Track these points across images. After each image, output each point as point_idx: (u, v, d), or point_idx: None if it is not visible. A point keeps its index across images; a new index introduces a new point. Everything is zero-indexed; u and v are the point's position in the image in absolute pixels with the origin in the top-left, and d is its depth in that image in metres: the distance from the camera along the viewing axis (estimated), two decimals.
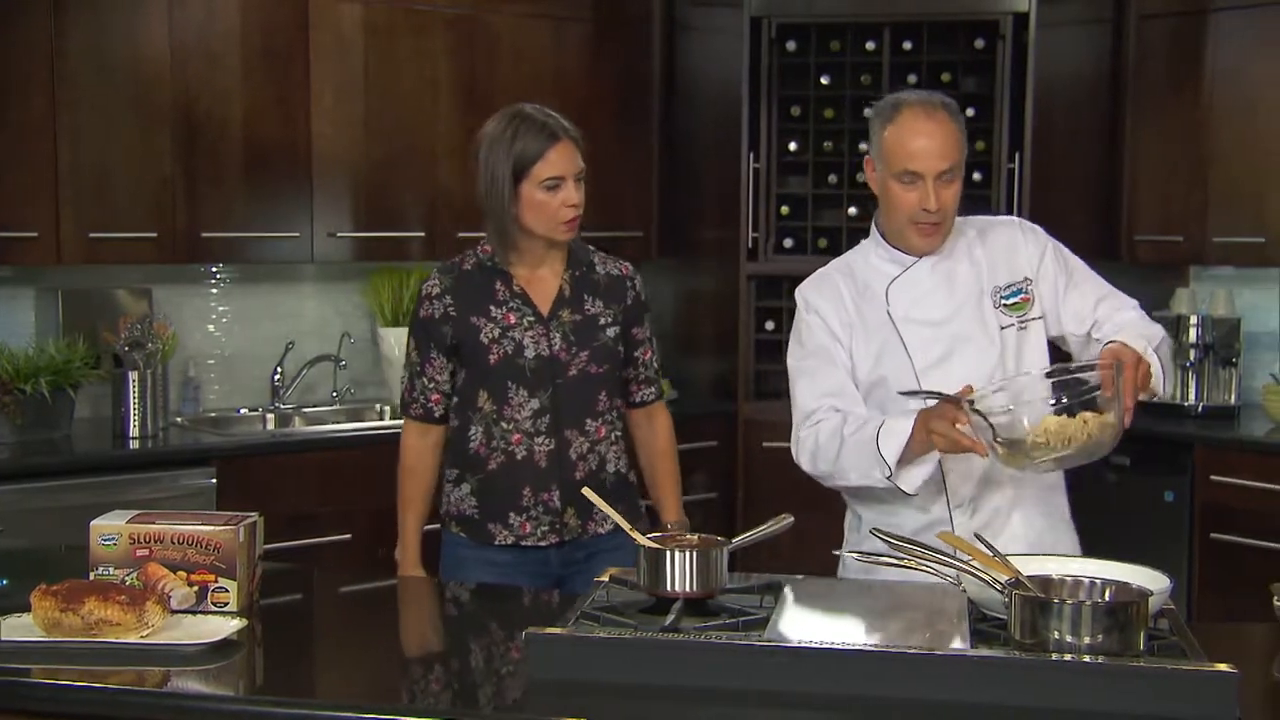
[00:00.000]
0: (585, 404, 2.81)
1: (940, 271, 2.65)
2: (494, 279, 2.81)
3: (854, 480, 2.57)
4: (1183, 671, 1.83)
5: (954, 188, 2.58)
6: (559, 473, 2.78)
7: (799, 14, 4.67)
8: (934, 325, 2.63)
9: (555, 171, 2.73)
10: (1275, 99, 4.31)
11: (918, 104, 2.58)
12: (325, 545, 4.01)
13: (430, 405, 2.86)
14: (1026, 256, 2.67)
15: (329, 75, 4.25)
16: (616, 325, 2.85)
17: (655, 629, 2.03)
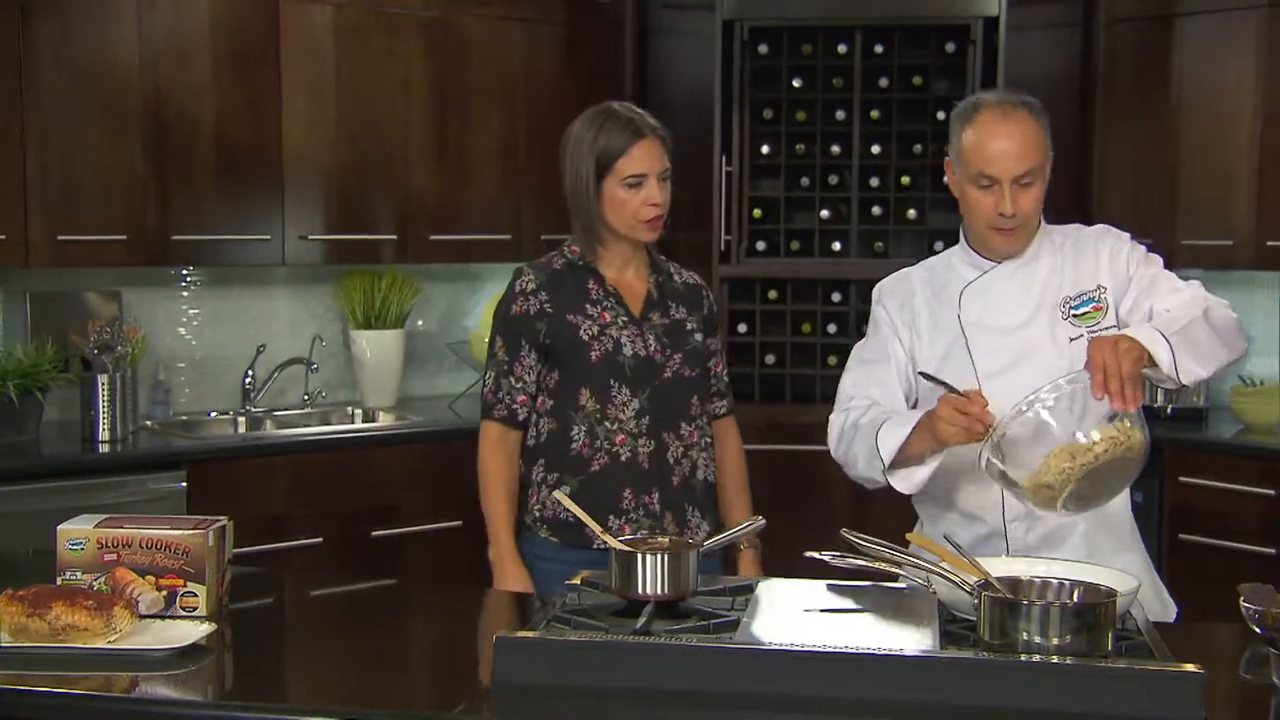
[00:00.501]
0: (680, 407, 2.78)
1: (1019, 278, 2.59)
2: (586, 278, 2.77)
3: (862, 469, 2.53)
4: (1149, 672, 1.84)
5: (1033, 191, 2.50)
6: (660, 476, 2.74)
7: (771, 17, 4.68)
8: (1003, 333, 2.57)
9: (638, 169, 2.69)
10: (1240, 103, 4.34)
11: (996, 105, 2.51)
12: (296, 549, 3.99)
13: (515, 407, 2.78)
14: (1103, 263, 2.58)
15: (300, 77, 4.24)
16: (700, 332, 2.84)
17: (626, 632, 2.03)
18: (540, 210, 4.73)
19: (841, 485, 4.49)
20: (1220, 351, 2.40)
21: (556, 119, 4.72)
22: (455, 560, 4.24)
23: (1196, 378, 2.36)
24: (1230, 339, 2.44)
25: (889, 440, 2.46)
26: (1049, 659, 1.88)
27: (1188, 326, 2.37)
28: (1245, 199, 4.35)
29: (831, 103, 4.75)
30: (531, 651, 1.96)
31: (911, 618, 2.11)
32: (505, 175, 4.67)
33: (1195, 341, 2.35)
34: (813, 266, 4.76)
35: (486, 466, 2.80)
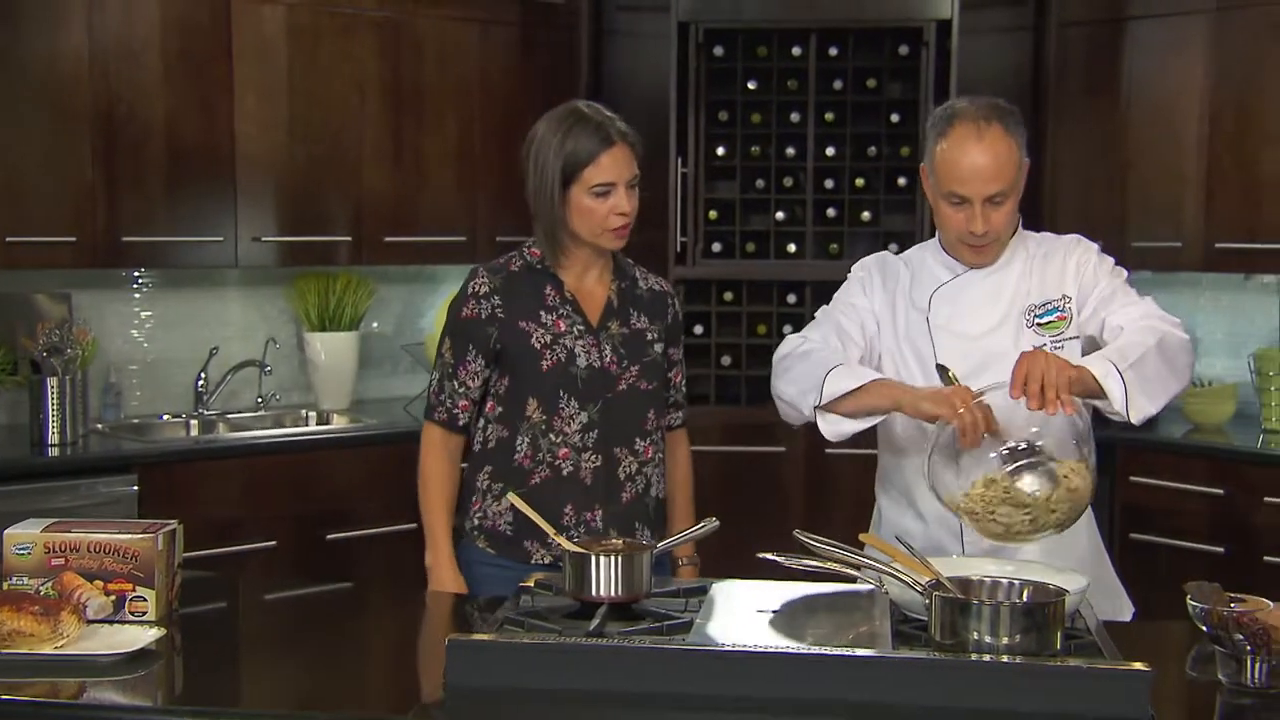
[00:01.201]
0: (634, 421, 2.68)
1: (989, 284, 2.59)
2: (544, 283, 2.67)
3: (790, 395, 2.52)
4: (1097, 670, 1.86)
5: (1005, 208, 2.49)
6: (605, 493, 2.65)
7: (726, 19, 4.69)
8: (969, 339, 2.57)
9: (606, 177, 2.59)
10: (1188, 107, 4.39)
11: (970, 120, 2.47)
12: (250, 553, 3.97)
13: (456, 412, 2.70)
14: (1070, 273, 2.58)
15: (252, 77, 4.21)
16: (661, 342, 2.74)
17: (579, 634, 2.03)
18: (496, 212, 4.72)
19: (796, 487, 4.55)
20: (1171, 384, 2.40)
21: (512, 120, 4.73)
22: (410, 563, 4.18)
23: (1146, 415, 2.35)
24: (1181, 369, 2.44)
25: (837, 384, 2.44)
26: (999, 658, 1.90)
27: (1142, 359, 2.35)
28: (1193, 202, 4.40)
29: (786, 105, 4.77)
30: (484, 654, 1.95)
31: (864, 618, 2.12)
32: (460, 177, 4.65)
33: (1147, 377, 2.34)
34: (768, 268, 4.78)
35: (426, 470, 2.76)
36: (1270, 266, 4.38)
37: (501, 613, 2.13)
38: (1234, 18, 4.28)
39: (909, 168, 4.70)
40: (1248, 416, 4.40)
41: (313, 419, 4.58)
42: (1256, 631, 1.99)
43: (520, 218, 4.88)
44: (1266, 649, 1.98)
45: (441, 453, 2.75)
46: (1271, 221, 4.24)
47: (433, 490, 2.74)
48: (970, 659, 1.90)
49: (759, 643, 1.99)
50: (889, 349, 2.65)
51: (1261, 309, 4.66)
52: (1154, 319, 2.45)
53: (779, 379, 2.59)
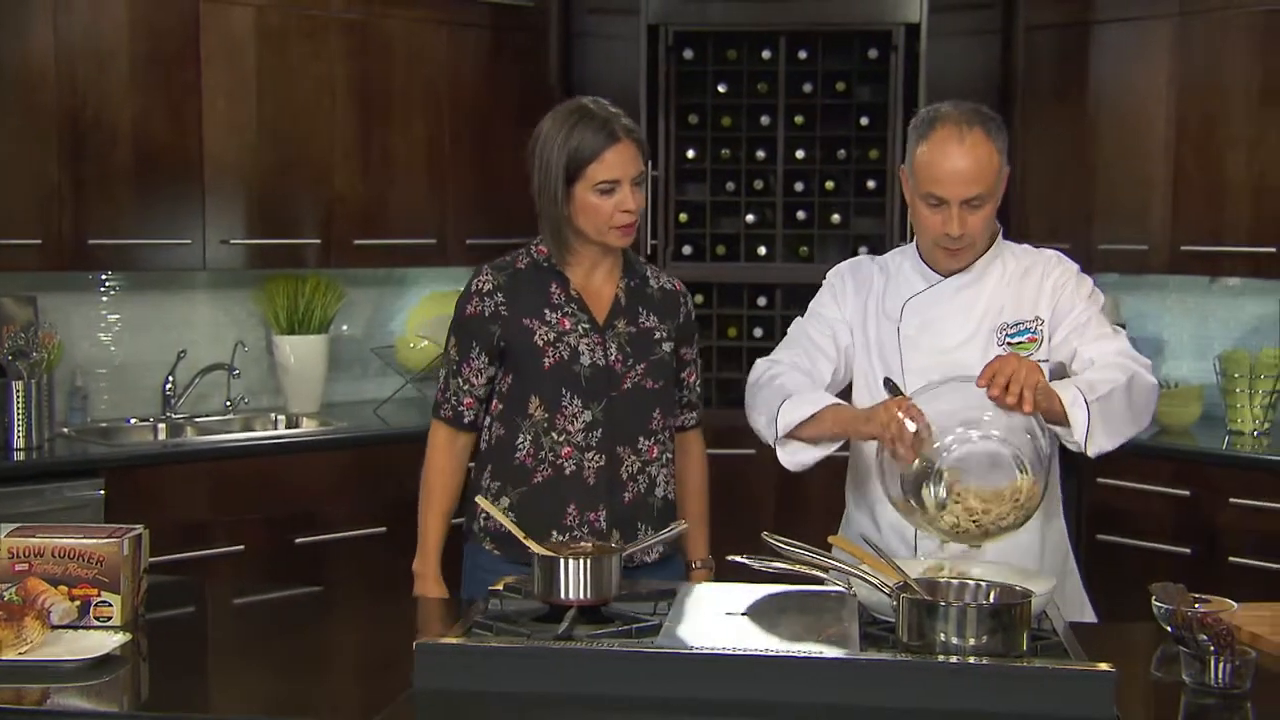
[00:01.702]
0: (639, 420, 2.65)
1: (963, 297, 2.58)
2: (549, 280, 2.64)
3: (759, 426, 2.55)
4: (1062, 671, 1.88)
5: (983, 212, 2.48)
6: (608, 492, 2.62)
7: (695, 22, 4.70)
8: (939, 352, 2.55)
9: (611, 174, 2.55)
10: (1153, 110, 4.42)
11: (952, 123, 2.47)
12: (218, 557, 3.94)
13: (461, 409, 2.68)
14: (1046, 294, 2.56)
15: (220, 79, 4.18)
16: (670, 341, 2.71)
17: (548, 637, 2.03)
18: (467, 214, 4.72)
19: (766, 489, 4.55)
20: (1131, 426, 2.40)
21: (482, 122, 4.74)
22: (380, 566, 4.21)
23: (1102, 451, 2.35)
24: (1143, 412, 2.44)
25: (790, 415, 2.46)
26: (965, 660, 1.91)
27: (1110, 395, 2.34)
28: (1160, 204, 4.43)
29: (756, 108, 4.78)
30: (452, 658, 1.95)
31: (832, 620, 2.13)
32: (431, 179, 4.64)
33: (1111, 414, 2.34)
34: (738, 271, 4.79)
35: (428, 471, 2.74)
36: (1235, 269, 4.41)
37: (470, 616, 2.13)
38: (1197, 22, 4.32)
39: (878, 170, 4.72)
40: (1214, 418, 4.44)
41: (281, 422, 4.56)
42: (1220, 632, 2.01)
43: (491, 220, 4.92)
44: (1230, 649, 1.99)
45: (446, 452, 2.73)
46: (1236, 224, 4.27)
47: (432, 494, 2.72)
48: (937, 660, 1.91)
49: (727, 645, 1.99)
50: (860, 358, 2.66)
51: (1227, 311, 4.70)
52: (1126, 357, 2.45)
53: (749, 410, 2.61)
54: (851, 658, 1.94)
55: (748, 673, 1.92)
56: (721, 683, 1.92)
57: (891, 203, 4.68)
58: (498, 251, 4.94)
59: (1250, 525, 3.95)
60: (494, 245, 4.82)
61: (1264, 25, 4.18)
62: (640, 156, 2.61)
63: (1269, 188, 4.19)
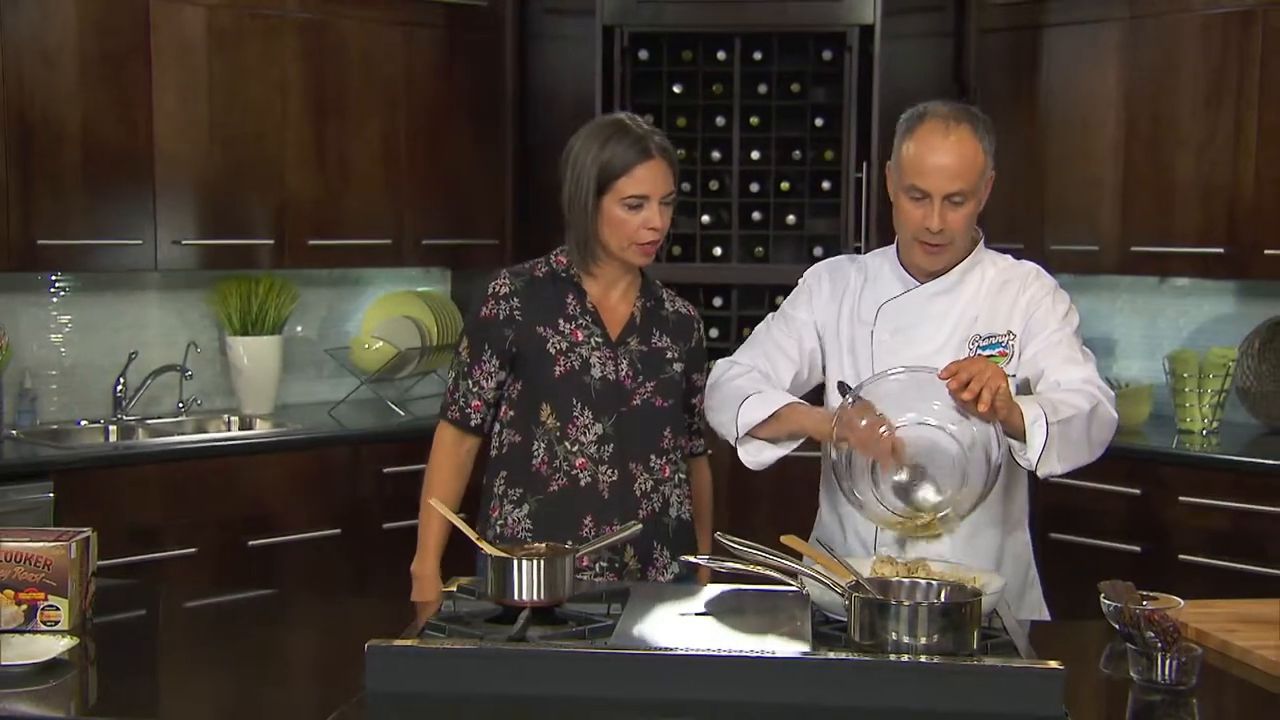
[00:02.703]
0: (650, 438, 2.65)
1: (938, 304, 2.58)
2: (567, 291, 2.66)
3: (720, 426, 2.56)
4: (1011, 669, 1.89)
5: (964, 210, 2.49)
6: (622, 507, 2.61)
7: (650, 23, 4.70)
8: (911, 358, 2.54)
9: (640, 190, 2.56)
10: (1103, 112, 4.46)
11: (939, 118, 2.49)
12: (170, 560, 3.91)
13: (469, 411, 2.68)
14: (1020, 309, 2.56)
15: (171, 78, 4.15)
16: (681, 362, 2.71)
17: (501, 639, 2.02)
18: (422, 214, 4.70)
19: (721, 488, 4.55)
20: (1084, 455, 2.41)
21: (437, 122, 4.73)
22: (333, 569, 4.20)
23: (1051, 473, 2.36)
24: (1099, 444, 2.45)
25: (749, 415, 2.48)
26: (916, 658, 1.92)
27: (1071, 420, 2.33)
28: (1110, 206, 4.47)
29: (711, 109, 4.79)
30: (404, 660, 1.94)
31: (785, 620, 2.13)
32: (386, 179, 4.62)
33: (1069, 440, 2.34)
34: (694, 271, 4.79)
35: (431, 471, 2.72)
36: (1184, 269, 4.46)
37: (422, 617, 2.12)
38: (1147, 25, 4.36)
39: (833, 172, 4.73)
40: (1163, 418, 4.49)
41: (235, 424, 4.53)
42: (1167, 629, 2.03)
43: (447, 220, 4.91)
44: (1176, 646, 2.02)
45: (451, 454, 2.71)
46: (1185, 225, 4.32)
47: (434, 495, 2.66)
48: (888, 659, 1.92)
49: (681, 645, 2.00)
50: (832, 360, 2.65)
51: (1176, 311, 4.75)
52: (1093, 386, 2.45)
53: (709, 410, 2.63)
54: (804, 657, 1.95)
55: (701, 673, 1.93)
56: (675, 683, 1.92)
57: (846, 204, 4.70)
58: (452, 252, 4.99)
59: (1199, 523, 3.99)
60: (450, 246, 4.85)
61: (1212, 28, 4.23)
62: (671, 176, 2.61)
63: (1217, 189, 4.24)
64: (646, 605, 2.23)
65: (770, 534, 2.38)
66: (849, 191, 4.68)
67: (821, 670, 1.92)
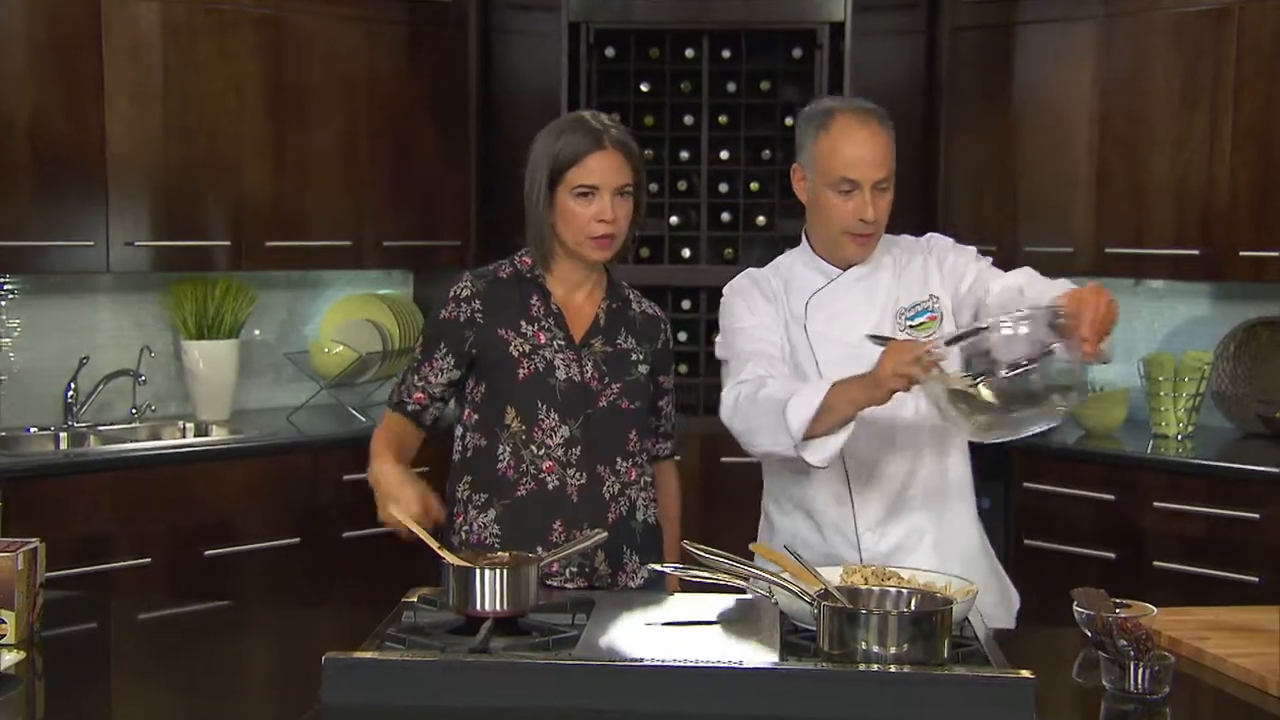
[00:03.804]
0: (617, 441, 2.66)
1: (863, 288, 2.66)
2: (530, 292, 2.67)
3: (766, 445, 2.50)
4: (982, 678, 1.90)
5: (888, 197, 2.59)
6: (591, 511, 2.61)
7: (618, 20, 4.71)
8: (849, 345, 2.59)
9: (590, 179, 2.57)
10: (1077, 111, 4.49)
11: (850, 111, 2.59)
12: (123, 570, 3.89)
13: (408, 401, 2.68)
14: (932, 271, 2.67)
15: (124, 76, 4.12)
16: (647, 364, 2.72)
17: (462, 650, 2.02)
18: (384, 215, 4.69)
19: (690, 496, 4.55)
20: None
21: (399, 120, 4.72)
22: (292, 579, 4.18)
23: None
24: None
25: (799, 413, 2.41)
26: (886, 668, 1.93)
27: None
28: (1084, 206, 4.50)
29: (680, 107, 4.80)
30: (362, 672, 1.94)
31: (753, 629, 2.14)
32: (346, 179, 4.61)
33: None
34: (662, 273, 4.80)
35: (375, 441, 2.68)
36: (1158, 271, 4.50)
37: (382, 629, 2.12)
38: (1121, 24, 4.40)
39: None
40: (1138, 422, 4.52)
41: (190, 430, 4.50)
42: (1139, 637, 2.05)
43: (409, 221, 4.89)
44: (1149, 654, 2.03)
45: (389, 428, 2.69)
46: (1160, 226, 4.36)
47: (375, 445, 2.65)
48: (858, 669, 1.93)
49: (646, 656, 2.00)
50: None
51: (1151, 314, 4.79)
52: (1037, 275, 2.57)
53: (746, 440, 2.55)
54: (772, 667, 1.96)
55: (667, 684, 1.93)
56: (640, 694, 1.92)
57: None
58: (415, 254, 4.98)
59: (1174, 529, 4.02)
60: (412, 248, 4.84)
61: (1186, 26, 4.26)
62: (627, 169, 2.61)
63: (1191, 190, 4.28)
64: (612, 615, 2.24)
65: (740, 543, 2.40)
66: None
67: (790, 681, 1.92)
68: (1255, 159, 4.15)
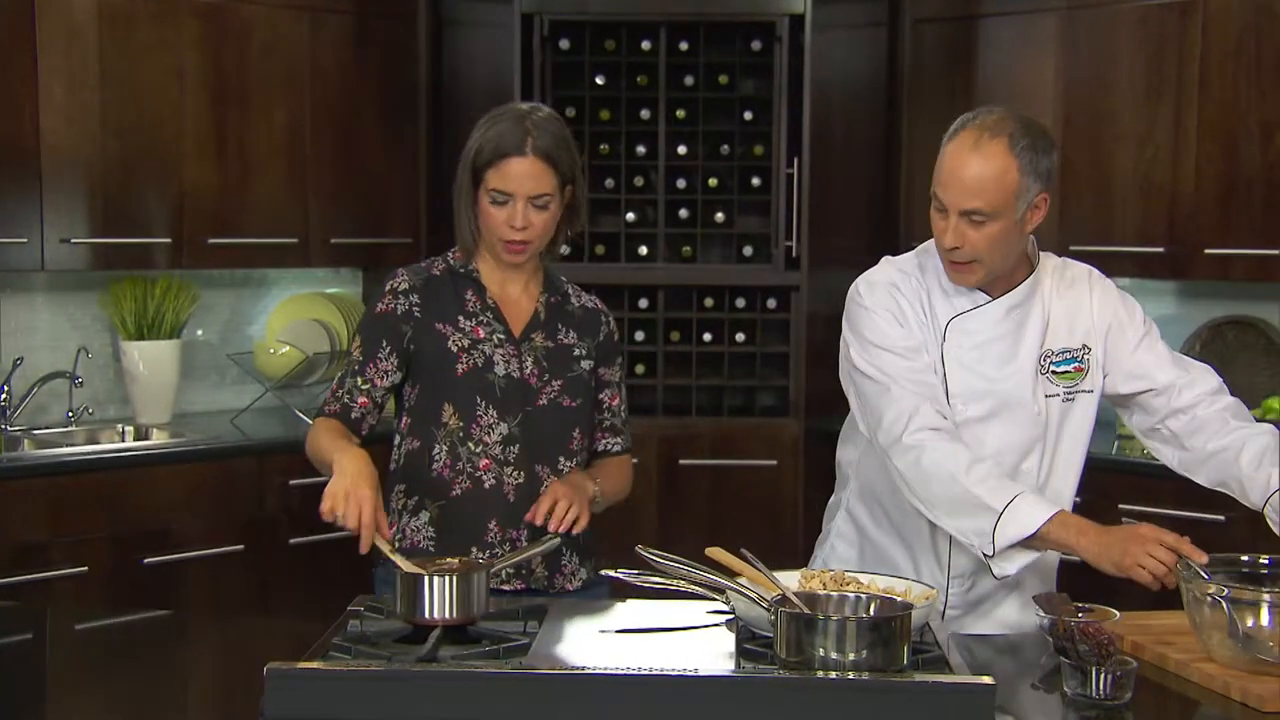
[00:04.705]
0: (557, 439, 2.65)
1: (1011, 320, 2.56)
2: (466, 287, 2.66)
3: (946, 524, 2.46)
4: (942, 684, 1.92)
5: (987, 231, 2.43)
6: (528, 511, 2.57)
7: (572, 11, 4.71)
8: (986, 380, 2.54)
9: (503, 185, 2.56)
10: (1041, 106, 4.50)
11: (975, 129, 2.46)
12: (59, 579, 3.85)
13: (352, 405, 2.62)
14: (1093, 317, 2.59)
15: (59, 66, 4.09)
16: (590, 359, 2.72)
17: (410, 660, 2.02)
18: (330, 211, 4.67)
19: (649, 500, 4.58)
20: None
21: (346, 114, 4.70)
22: (235, 587, 4.16)
23: None
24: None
25: (1010, 532, 2.38)
26: (844, 675, 1.94)
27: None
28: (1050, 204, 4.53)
29: (636, 101, 4.80)
30: (306, 683, 1.93)
31: (708, 636, 2.15)
32: (291, 174, 4.59)
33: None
34: (619, 272, 4.81)
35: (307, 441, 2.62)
36: (1124, 270, 4.52)
37: (327, 638, 2.11)
38: (1084, 16, 4.44)
39: (763, 167, 4.77)
40: (1104, 423, 4.52)
41: (129, 434, 4.47)
42: (1102, 642, 2.07)
43: (356, 218, 4.87)
44: (1111, 659, 2.06)
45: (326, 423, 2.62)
46: (1124, 224, 4.40)
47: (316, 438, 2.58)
48: (815, 676, 1.94)
49: (600, 664, 2.00)
50: None
51: None
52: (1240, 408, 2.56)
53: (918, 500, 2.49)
54: (728, 675, 1.97)
55: (621, 693, 1.93)
56: (593, 704, 1.92)
57: (777, 201, 4.73)
58: (363, 251, 4.97)
59: None
60: (360, 245, 4.83)
61: (1150, 20, 4.30)
62: (548, 179, 2.58)
63: (1156, 186, 4.32)
64: (564, 623, 2.24)
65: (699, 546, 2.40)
66: (779, 188, 4.72)
67: (746, 688, 1.93)
68: (1221, 154, 4.20)
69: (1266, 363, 4.47)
